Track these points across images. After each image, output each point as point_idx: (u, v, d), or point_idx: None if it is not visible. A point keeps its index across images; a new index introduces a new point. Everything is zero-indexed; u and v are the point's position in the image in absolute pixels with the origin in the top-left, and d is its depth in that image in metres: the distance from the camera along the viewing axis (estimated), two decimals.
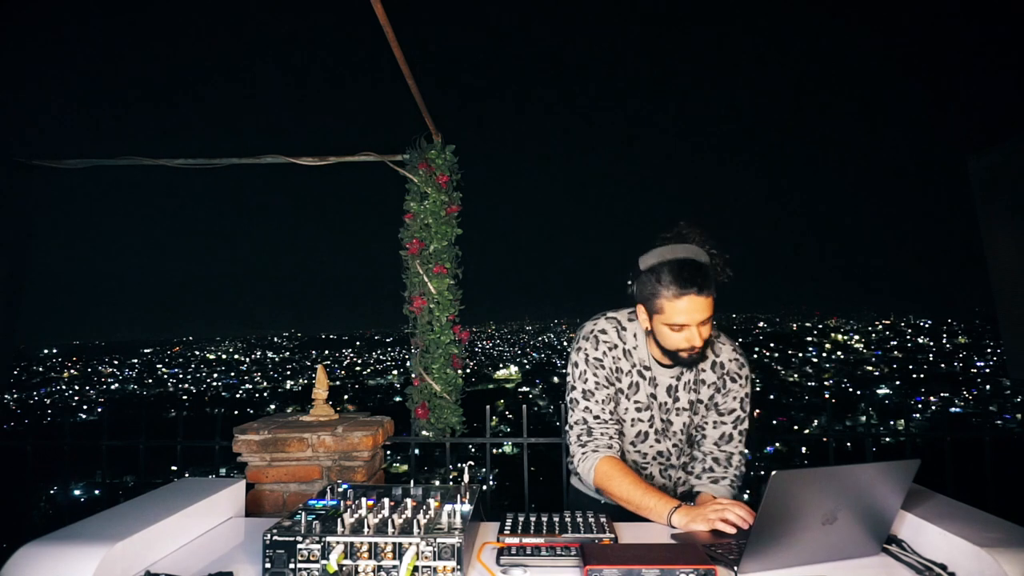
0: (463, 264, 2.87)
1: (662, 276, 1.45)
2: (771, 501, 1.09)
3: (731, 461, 1.66)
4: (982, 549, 1.08)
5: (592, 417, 1.60)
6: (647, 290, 1.49)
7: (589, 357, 1.61)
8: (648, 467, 1.72)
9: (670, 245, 1.50)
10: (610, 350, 1.62)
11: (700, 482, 1.67)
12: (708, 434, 1.68)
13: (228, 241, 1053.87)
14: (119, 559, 1.13)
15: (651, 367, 1.63)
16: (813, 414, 29.10)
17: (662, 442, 1.69)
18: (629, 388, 1.64)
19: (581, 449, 1.59)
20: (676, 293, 1.44)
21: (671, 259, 1.46)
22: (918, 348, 46.81)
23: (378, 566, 1.11)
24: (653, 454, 1.70)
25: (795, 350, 46.66)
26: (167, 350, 59.19)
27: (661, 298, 1.46)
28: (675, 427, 1.67)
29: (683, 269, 1.44)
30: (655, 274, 1.47)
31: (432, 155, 2.82)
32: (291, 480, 2.19)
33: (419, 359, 2.82)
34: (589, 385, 1.60)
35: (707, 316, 1.47)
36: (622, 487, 1.50)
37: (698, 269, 1.45)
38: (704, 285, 1.44)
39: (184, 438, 2.62)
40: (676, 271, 1.44)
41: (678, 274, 1.44)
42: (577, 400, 1.62)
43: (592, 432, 1.59)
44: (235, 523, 1.54)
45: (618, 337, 1.63)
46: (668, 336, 1.50)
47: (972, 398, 31.46)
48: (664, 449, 1.69)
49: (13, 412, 16.98)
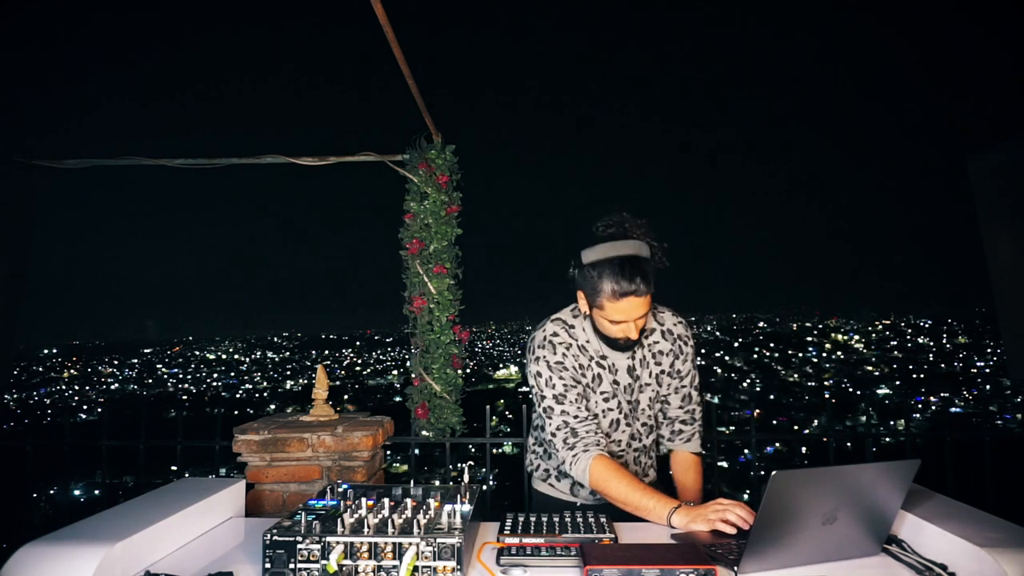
0: (463, 264, 2.87)
1: (603, 275, 1.48)
2: (771, 501, 1.09)
3: (695, 416, 1.76)
4: (982, 549, 1.08)
5: (572, 418, 1.60)
6: (588, 284, 1.53)
7: (551, 363, 1.63)
8: (624, 455, 1.74)
9: (611, 242, 1.51)
10: (567, 350, 1.64)
11: (673, 443, 1.77)
12: (671, 400, 1.75)
13: (228, 241, 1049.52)
14: (119, 559, 1.13)
15: (607, 355, 1.67)
16: (813, 414, 29.09)
17: (632, 424, 1.72)
18: (593, 381, 1.66)
19: (571, 452, 1.59)
20: (616, 294, 1.47)
21: (613, 256, 1.48)
22: (918, 348, 46.79)
23: (378, 566, 1.11)
24: (627, 440, 1.73)
25: (795, 350, 46.64)
26: (167, 350, 59.18)
27: (601, 296, 1.50)
28: (643, 404, 1.72)
29: (624, 270, 1.46)
30: (597, 271, 1.49)
31: (432, 155, 2.82)
32: (291, 480, 2.19)
33: (419, 359, 2.82)
34: (558, 389, 1.61)
35: (644, 312, 1.51)
36: (619, 488, 1.50)
37: (638, 269, 1.47)
38: (643, 285, 1.47)
39: (184, 438, 2.62)
40: (618, 271, 1.46)
41: (620, 275, 1.46)
42: (552, 408, 1.62)
43: (577, 433, 1.59)
44: (235, 523, 1.54)
45: (569, 336, 1.66)
46: (606, 327, 1.57)
47: (972, 398, 31.45)
48: (635, 431, 1.73)
49: (13, 412, 16.99)
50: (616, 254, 1.49)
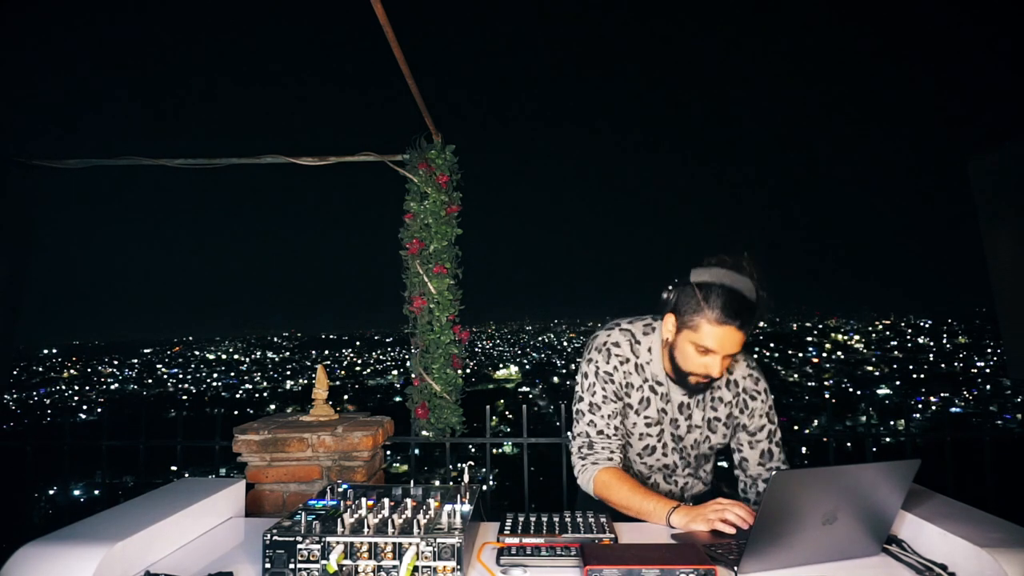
0: (463, 264, 2.87)
1: (711, 297, 1.41)
2: (771, 501, 1.09)
3: None
4: (982, 549, 1.08)
5: (595, 432, 1.60)
6: (690, 303, 1.45)
7: (600, 370, 1.60)
8: (652, 476, 1.73)
9: (729, 271, 1.44)
10: (621, 364, 1.60)
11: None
12: (748, 456, 1.64)
13: (228, 241, 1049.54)
14: (119, 559, 1.13)
15: (663, 383, 1.61)
16: (813, 414, 29.08)
17: (669, 455, 1.68)
18: (639, 403, 1.62)
19: (581, 462, 1.60)
20: (719, 319, 1.40)
21: (728, 284, 1.42)
22: (918, 348, 46.78)
23: (378, 566, 1.11)
24: (659, 467, 1.70)
25: (795, 350, 46.64)
26: (167, 350, 59.16)
27: (701, 317, 1.42)
28: (686, 443, 1.67)
29: (733, 299, 1.40)
30: (704, 292, 1.42)
31: (432, 155, 2.82)
32: (291, 480, 2.19)
33: (419, 359, 2.82)
34: (596, 399, 1.60)
35: (734, 352, 1.45)
36: (621, 493, 1.50)
37: (747, 305, 1.41)
38: (746, 322, 1.41)
39: (184, 438, 2.62)
40: (728, 298, 1.40)
41: (728, 302, 1.40)
42: (583, 412, 1.61)
43: (593, 446, 1.59)
44: (235, 523, 1.54)
45: (631, 351, 1.61)
46: (689, 355, 1.47)
47: (972, 398, 31.44)
48: (671, 462, 1.69)
49: (13, 412, 16.97)
50: (731, 284, 1.42)
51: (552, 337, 66.01)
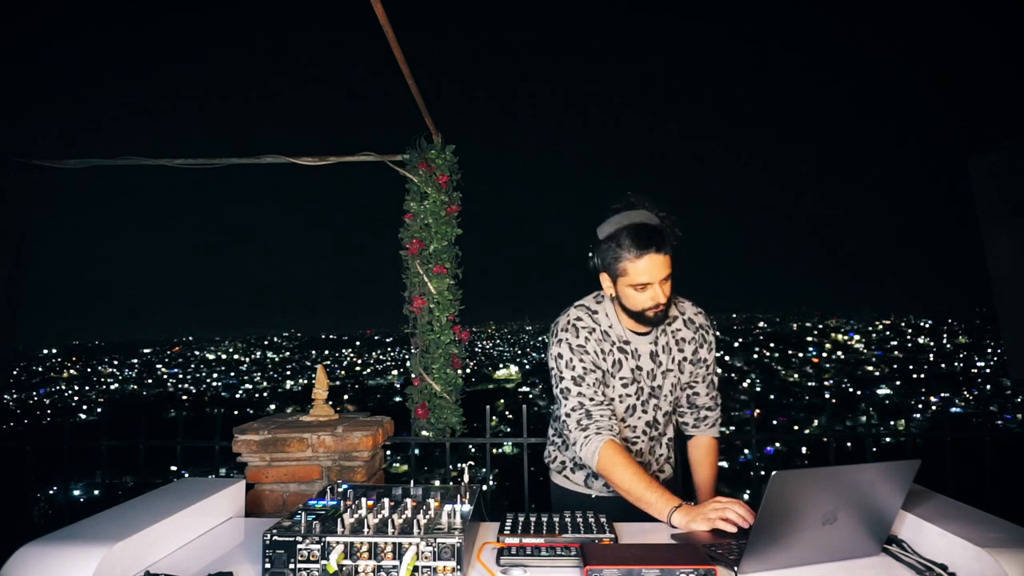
0: (463, 264, 2.87)
1: (621, 240, 1.53)
2: (771, 501, 1.09)
3: (717, 401, 1.84)
4: (982, 549, 1.08)
5: (588, 400, 1.61)
6: (608, 256, 1.56)
7: (573, 345, 1.64)
8: (638, 441, 1.74)
9: (623, 213, 1.57)
10: (590, 334, 1.66)
11: (698, 429, 1.83)
12: (700, 389, 1.80)
13: (228, 241, 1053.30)
14: (119, 559, 1.13)
15: (629, 340, 1.68)
16: (813, 414, 29.10)
17: (650, 412, 1.73)
18: (613, 366, 1.67)
19: (583, 433, 1.59)
20: (637, 254, 1.51)
21: (627, 224, 1.54)
22: (918, 348, 46.81)
23: (378, 566, 1.11)
24: (643, 426, 1.73)
25: (795, 350, 46.66)
26: (167, 350, 59.17)
27: (623, 261, 1.53)
28: (664, 390, 1.73)
29: (640, 231, 1.52)
30: (615, 240, 1.54)
31: (432, 155, 2.82)
32: (291, 480, 2.19)
33: (419, 359, 2.82)
34: (578, 371, 1.63)
35: (667, 273, 1.55)
36: (624, 477, 1.50)
37: (654, 230, 1.53)
38: (661, 244, 1.52)
39: (184, 438, 2.62)
40: (634, 234, 1.52)
41: (636, 236, 1.51)
42: (569, 389, 1.63)
43: (591, 415, 1.60)
44: (235, 523, 1.54)
45: (592, 321, 1.68)
46: (633, 297, 1.57)
47: (972, 398, 31.46)
48: (652, 418, 1.74)
49: (13, 412, 16.98)
50: (629, 221, 1.54)
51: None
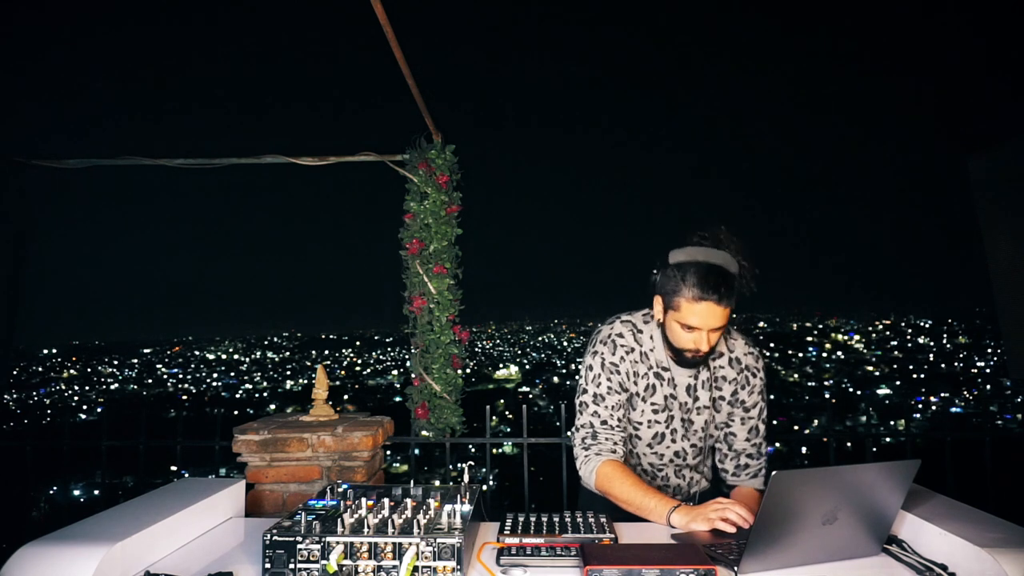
0: (463, 264, 2.87)
1: (687, 276, 1.45)
2: (771, 501, 1.09)
3: (761, 450, 1.70)
4: (982, 549, 1.08)
5: (600, 422, 1.60)
6: (669, 284, 1.49)
7: (605, 362, 1.61)
8: (664, 469, 1.72)
9: (703, 247, 1.49)
10: (627, 354, 1.62)
11: (738, 479, 1.70)
12: (737, 432, 1.69)
13: (228, 241, 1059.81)
14: (119, 559, 1.13)
15: (669, 367, 1.63)
16: (813, 414, 29.08)
17: (679, 442, 1.69)
18: (645, 391, 1.63)
19: (584, 452, 1.60)
20: (696, 296, 1.44)
21: (701, 261, 1.46)
22: (918, 348, 46.80)
23: (378, 566, 1.11)
24: (670, 455, 1.70)
25: (795, 350, 46.64)
26: (167, 350, 59.15)
27: (680, 296, 1.47)
28: (696, 425, 1.68)
29: (709, 275, 1.44)
30: (681, 271, 1.47)
31: (432, 155, 2.82)
32: (291, 480, 2.19)
33: (419, 359, 2.81)
34: (601, 390, 1.60)
35: (720, 325, 1.48)
36: (623, 488, 1.50)
37: (724, 279, 1.45)
38: (725, 295, 1.44)
39: (184, 438, 2.62)
40: (702, 275, 1.44)
41: (703, 279, 1.44)
42: (587, 404, 1.62)
43: (597, 436, 1.59)
44: (235, 523, 1.54)
45: (634, 340, 1.63)
46: (678, 333, 1.52)
47: (972, 398, 31.45)
48: (680, 449, 1.70)
49: (13, 412, 16.97)
50: (704, 259, 1.47)
51: (552, 337, 65.99)
